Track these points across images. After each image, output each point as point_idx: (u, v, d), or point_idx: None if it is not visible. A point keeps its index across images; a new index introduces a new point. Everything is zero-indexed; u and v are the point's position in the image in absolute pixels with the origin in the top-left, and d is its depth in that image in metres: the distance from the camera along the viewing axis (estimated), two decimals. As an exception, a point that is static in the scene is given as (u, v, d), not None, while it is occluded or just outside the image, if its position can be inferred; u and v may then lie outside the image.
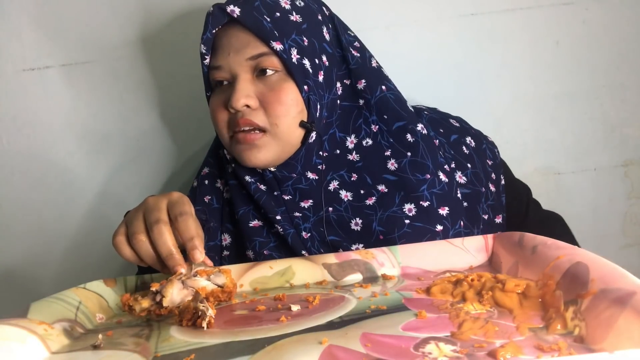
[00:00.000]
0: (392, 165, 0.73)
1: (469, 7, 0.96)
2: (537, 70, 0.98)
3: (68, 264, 1.00)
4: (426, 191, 0.71)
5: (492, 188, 0.78)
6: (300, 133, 0.71)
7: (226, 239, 0.77)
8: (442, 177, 0.72)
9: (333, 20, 0.77)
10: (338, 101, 0.75)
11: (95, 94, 0.97)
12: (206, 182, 0.80)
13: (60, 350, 0.48)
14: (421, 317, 0.45)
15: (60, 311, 0.54)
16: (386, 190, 0.72)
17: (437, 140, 0.76)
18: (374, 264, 0.64)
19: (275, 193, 0.73)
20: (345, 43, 0.76)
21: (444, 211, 0.71)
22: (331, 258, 0.65)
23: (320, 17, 0.74)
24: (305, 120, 0.70)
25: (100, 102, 0.97)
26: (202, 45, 0.71)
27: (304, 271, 0.64)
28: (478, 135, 0.81)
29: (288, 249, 0.72)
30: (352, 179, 0.73)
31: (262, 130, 0.69)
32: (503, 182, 0.80)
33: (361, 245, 0.70)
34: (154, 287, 0.54)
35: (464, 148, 0.78)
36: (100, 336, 0.48)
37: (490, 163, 0.79)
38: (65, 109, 0.97)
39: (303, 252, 0.70)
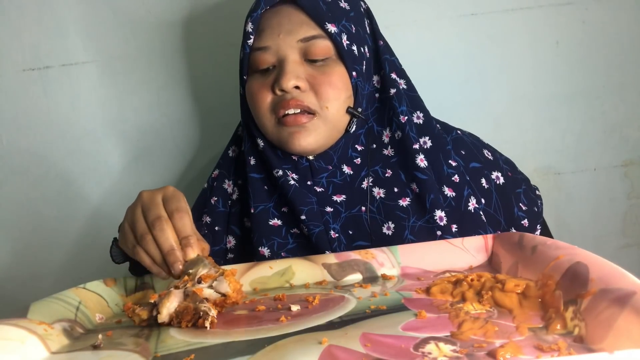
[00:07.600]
0: (421, 161, 0.71)
1: (469, 7, 0.96)
2: (537, 70, 0.98)
3: (68, 264, 1.00)
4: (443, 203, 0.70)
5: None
6: (345, 120, 0.70)
7: (230, 242, 0.75)
8: (448, 191, 0.71)
9: (369, 14, 0.76)
10: (376, 94, 0.75)
11: (96, 94, 0.97)
12: (215, 184, 0.79)
13: (60, 350, 0.47)
14: (421, 317, 0.45)
15: (60, 311, 0.54)
16: (418, 190, 0.70)
17: (455, 162, 0.73)
18: (373, 264, 0.64)
19: (309, 183, 0.71)
20: (378, 35, 0.75)
21: (453, 228, 0.70)
22: (331, 258, 0.65)
23: (362, 9, 0.74)
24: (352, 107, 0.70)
25: (100, 102, 0.98)
26: (250, 24, 0.68)
27: (304, 271, 0.64)
28: (518, 180, 0.77)
29: (307, 252, 0.69)
30: (387, 174, 0.72)
31: (311, 113, 0.68)
32: (538, 232, 0.76)
33: None
34: (153, 299, 0.52)
35: (484, 181, 0.74)
36: (100, 336, 0.48)
37: (525, 208, 0.75)
38: (65, 109, 0.97)
39: (327, 252, 0.68)
